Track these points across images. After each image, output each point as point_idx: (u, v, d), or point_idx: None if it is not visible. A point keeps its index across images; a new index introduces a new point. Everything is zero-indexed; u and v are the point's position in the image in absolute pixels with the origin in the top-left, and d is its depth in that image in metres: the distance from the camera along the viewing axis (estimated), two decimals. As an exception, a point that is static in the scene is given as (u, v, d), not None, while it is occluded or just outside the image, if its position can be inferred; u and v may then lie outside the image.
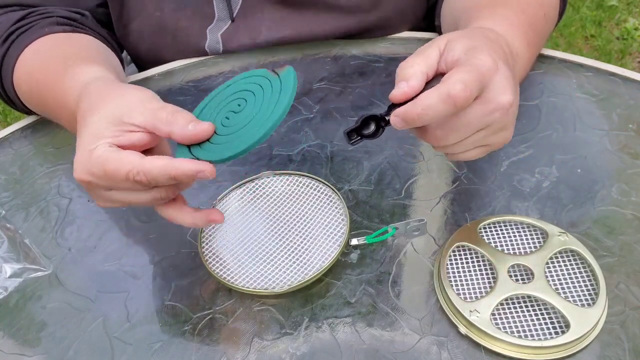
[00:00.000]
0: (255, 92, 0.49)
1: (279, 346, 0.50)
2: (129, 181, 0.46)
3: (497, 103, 0.46)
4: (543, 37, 0.68)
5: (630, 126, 0.65)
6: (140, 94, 0.50)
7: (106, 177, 0.47)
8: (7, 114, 2.05)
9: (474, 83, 0.44)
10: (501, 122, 0.48)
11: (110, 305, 0.55)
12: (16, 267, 0.58)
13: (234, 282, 0.53)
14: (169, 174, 0.46)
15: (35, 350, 0.52)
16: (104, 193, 0.50)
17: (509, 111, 0.47)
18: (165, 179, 0.46)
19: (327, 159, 0.66)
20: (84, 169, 0.48)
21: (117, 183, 0.47)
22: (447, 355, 0.48)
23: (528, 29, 0.61)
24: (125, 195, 0.49)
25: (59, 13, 0.73)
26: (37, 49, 0.69)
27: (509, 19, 0.59)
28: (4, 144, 0.74)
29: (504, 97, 0.46)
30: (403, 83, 0.46)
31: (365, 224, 0.59)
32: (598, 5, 2.24)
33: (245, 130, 0.46)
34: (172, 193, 0.50)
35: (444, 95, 0.43)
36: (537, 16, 0.65)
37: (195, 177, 0.46)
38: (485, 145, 0.50)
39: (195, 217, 0.51)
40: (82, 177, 0.48)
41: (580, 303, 0.50)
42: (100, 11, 0.78)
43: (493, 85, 0.46)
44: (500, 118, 0.47)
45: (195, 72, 0.80)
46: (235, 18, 0.78)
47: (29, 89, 0.69)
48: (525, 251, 0.54)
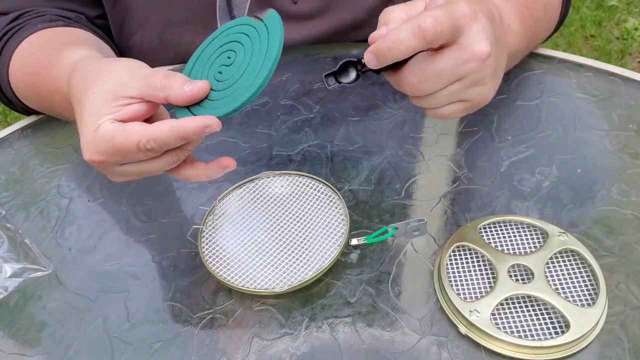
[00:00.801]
0: (242, 41, 0.48)
1: (279, 346, 0.50)
2: (140, 152, 0.46)
3: (472, 51, 0.45)
4: (539, 24, 0.66)
5: (630, 126, 0.65)
6: (128, 65, 0.50)
7: (116, 153, 0.47)
8: (7, 114, 2.05)
9: (445, 20, 0.43)
10: (477, 74, 0.46)
11: (110, 305, 0.55)
12: (16, 267, 0.58)
13: (234, 282, 0.53)
14: (177, 135, 0.46)
15: (35, 350, 0.52)
16: (117, 169, 0.49)
17: (485, 63, 0.46)
18: (176, 141, 0.46)
19: (327, 159, 0.66)
20: (92, 149, 0.48)
21: (129, 155, 0.47)
22: (447, 355, 0.48)
23: (524, 8, 0.61)
24: (138, 166, 0.49)
25: (51, 12, 0.73)
26: (29, 43, 0.69)
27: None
28: (4, 144, 0.74)
29: (479, 46, 0.45)
30: (383, 27, 0.46)
31: (365, 224, 0.59)
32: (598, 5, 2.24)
33: (241, 83, 0.46)
34: (182, 155, 0.49)
35: (415, 28, 0.43)
36: (535, 2, 0.64)
37: (203, 133, 0.46)
38: (463, 100, 0.49)
39: (210, 169, 0.51)
40: (93, 158, 0.48)
41: (580, 303, 0.50)
42: (99, 23, 0.78)
43: (469, 33, 0.45)
44: (476, 69, 0.46)
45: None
46: None
47: (23, 83, 0.69)
48: (525, 251, 0.54)
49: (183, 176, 0.52)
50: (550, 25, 0.71)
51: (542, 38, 0.72)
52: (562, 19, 0.73)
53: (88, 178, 0.68)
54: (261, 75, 0.45)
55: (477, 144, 0.65)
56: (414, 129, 0.68)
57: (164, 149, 0.47)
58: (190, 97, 0.47)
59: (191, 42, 0.78)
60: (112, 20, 0.77)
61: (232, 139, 0.70)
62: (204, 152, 0.68)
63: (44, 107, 0.70)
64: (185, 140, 0.47)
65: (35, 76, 0.65)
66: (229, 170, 0.51)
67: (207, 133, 0.46)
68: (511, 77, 0.73)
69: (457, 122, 0.68)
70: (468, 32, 0.45)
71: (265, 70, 0.45)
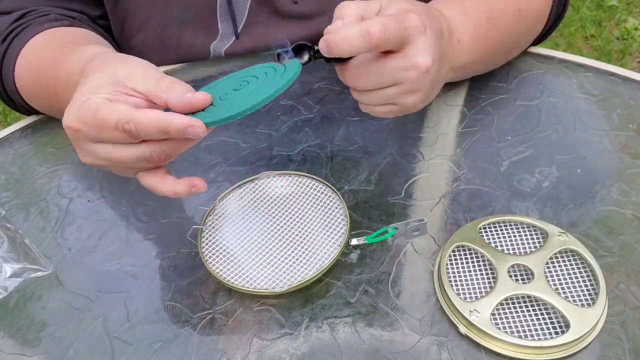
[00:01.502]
0: (258, 76, 0.50)
1: (279, 346, 0.50)
2: (117, 130, 0.46)
3: (414, 62, 0.49)
4: (507, 32, 0.66)
5: (630, 126, 0.65)
6: (144, 63, 0.51)
7: (95, 125, 0.47)
8: (7, 114, 2.05)
9: (393, 29, 0.46)
10: (414, 83, 0.50)
11: (110, 305, 0.55)
12: (16, 267, 0.58)
13: (234, 282, 0.53)
14: (159, 125, 0.45)
15: (35, 350, 0.52)
16: (89, 146, 0.49)
17: (425, 75, 0.50)
18: (155, 131, 0.46)
19: (327, 159, 0.66)
20: (74, 116, 0.48)
21: (105, 132, 0.47)
22: (447, 355, 0.48)
23: (484, 20, 0.61)
24: (110, 149, 0.48)
25: (56, 11, 0.73)
26: (36, 42, 0.69)
27: (463, 6, 0.60)
28: (4, 144, 0.74)
29: (422, 58, 0.49)
30: (339, 21, 0.49)
31: (365, 224, 0.59)
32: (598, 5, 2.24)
33: (238, 100, 0.47)
34: (157, 156, 0.48)
35: (363, 31, 0.46)
36: (505, 11, 0.64)
37: (185, 132, 0.45)
38: (396, 104, 0.52)
39: (178, 185, 0.50)
40: (71, 124, 0.48)
41: (580, 303, 0.50)
42: (100, 23, 0.78)
43: (415, 44, 0.48)
44: (415, 78, 0.49)
45: (196, 72, 0.80)
46: (239, 34, 0.77)
47: (29, 81, 0.68)
48: (525, 251, 0.54)
49: (150, 186, 0.51)
50: (533, 28, 0.70)
51: (522, 42, 0.71)
52: (557, 19, 0.72)
53: (88, 178, 0.68)
54: (258, 97, 0.46)
55: (477, 144, 0.65)
56: (414, 129, 0.68)
57: (141, 135, 0.46)
58: (189, 102, 0.47)
59: (192, 42, 0.78)
60: (113, 21, 0.78)
61: (232, 139, 0.70)
62: (204, 152, 0.68)
63: (49, 105, 0.70)
64: (165, 134, 0.46)
65: (43, 71, 0.65)
66: (197, 190, 0.51)
67: (189, 135, 0.46)
68: (511, 77, 0.73)
69: (457, 122, 0.68)
70: (414, 44, 0.49)
71: (264, 93, 0.46)
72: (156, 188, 0.51)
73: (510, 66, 0.73)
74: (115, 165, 0.50)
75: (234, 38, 0.78)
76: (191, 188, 0.51)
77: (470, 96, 0.71)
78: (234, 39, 0.78)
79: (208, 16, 0.76)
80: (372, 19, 0.47)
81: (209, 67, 0.80)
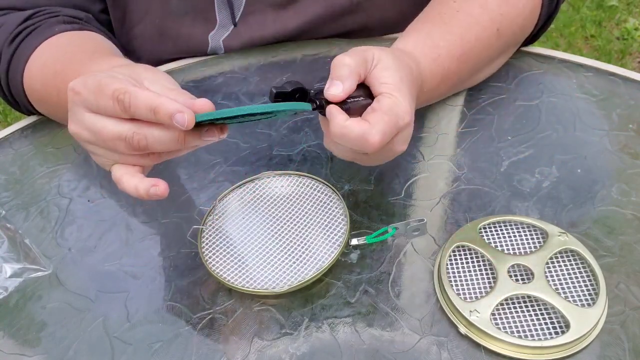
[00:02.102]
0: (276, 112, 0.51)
1: (279, 346, 0.50)
2: (112, 99, 0.46)
3: (394, 151, 0.53)
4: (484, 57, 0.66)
5: (630, 126, 0.65)
6: (159, 73, 0.53)
7: (94, 90, 0.47)
8: (7, 114, 2.05)
9: (390, 135, 0.49)
10: (385, 158, 0.54)
11: (110, 305, 0.55)
12: (16, 267, 0.58)
13: (234, 282, 0.53)
14: (151, 103, 0.46)
15: (35, 350, 0.52)
16: (82, 113, 0.49)
17: (394, 155, 0.54)
18: (145, 109, 0.46)
19: (327, 159, 0.66)
20: (80, 80, 0.49)
21: (101, 99, 0.47)
22: (447, 355, 0.48)
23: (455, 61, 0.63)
24: (97, 119, 0.48)
25: (64, 12, 0.73)
26: (52, 45, 0.68)
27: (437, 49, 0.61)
28: (4, 144, 0.74)
29: (400, 147, 0.53)
30: (338, 83, 0.50)
31: (365, 224, 0.59)
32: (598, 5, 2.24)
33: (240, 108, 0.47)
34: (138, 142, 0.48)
35: (363, 141, 0.48)
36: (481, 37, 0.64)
37: (173, 118, 0.45)
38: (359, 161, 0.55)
39: (140, 182, 0.49)
40: (74, 86, 0.49)
41: (580, 303, 0.50)
42: (102, 17, 0.78)
43: (402, 134, 0.52)
44: (387, 156, 0.54)
45: (195, 72, 0.80)
46: (237, 23, 0.78)
47: (43, 83, 0.67)
48: (525, 251, 0.54)
49: (118, 176, 0.50)
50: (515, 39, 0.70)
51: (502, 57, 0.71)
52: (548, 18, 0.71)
53: (88, 178, 0.68)
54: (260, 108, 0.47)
55: (477, 144, 0.65)
56: (414, 129, 0.68)
57: (132, 110, 0.46)
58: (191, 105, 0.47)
59: (190, 33, 0.78)
60: (113, 14, 0.78)
61: (232, 139, 0.70)
62: (203, 152, 0.68)
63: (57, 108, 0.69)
64: (154, 115, 0.46)
65: (61, 74, 0.64)
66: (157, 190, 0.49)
67: (177, 121, 0.45)
68: (511, 77, 0.73)
69: (457, 122, 0.68)
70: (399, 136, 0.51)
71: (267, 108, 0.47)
72: (122, 182, 0.50)
73: (510, 66, 0.73)
74: (96, 140, 0.49)
75: (232, 27, 0.78)
76: (151, 187, 0.49)
77: (470, 96, 0.71)
78: (232, 28, 0.78)
79: (206, 6, 0.76)
80: (374, 128, 0.48)
81: (209, 67, 0.80)
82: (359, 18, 0.79)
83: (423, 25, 0.64)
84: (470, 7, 0.64)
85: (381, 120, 0.49)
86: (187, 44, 0.79)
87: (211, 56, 0.81)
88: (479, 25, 0.64)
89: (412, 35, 0.63)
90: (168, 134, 0.47)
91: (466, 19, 0.64)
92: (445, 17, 0.64)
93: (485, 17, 0.64)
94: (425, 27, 0.64)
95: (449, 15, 0.64)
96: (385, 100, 0.50)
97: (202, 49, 0.80)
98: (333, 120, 0.49)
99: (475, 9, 0.64)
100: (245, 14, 0.77)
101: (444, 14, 0.64)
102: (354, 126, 0.48)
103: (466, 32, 0.63)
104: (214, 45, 0.80)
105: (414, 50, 0.60)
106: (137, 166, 0.51)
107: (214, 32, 0.79)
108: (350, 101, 0.51)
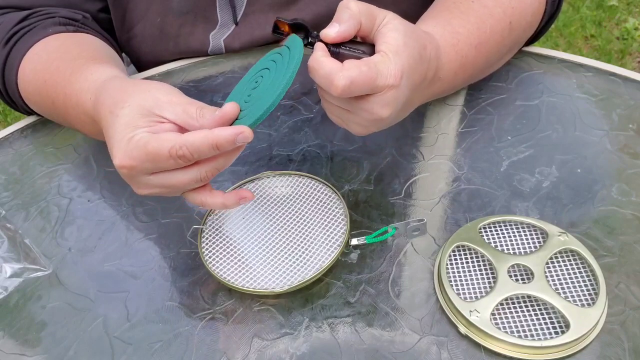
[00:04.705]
0: (270, 67, 0.51)
1: (279, 346, 0.50)
2: (172, 158, 0.47)
3: (374, 114, 0.51)
4: (497, 50, 0.66)
5: (630, 126, 0.65)
6: (164, 89, 0.52)
7: (148, 159, 0.48)
8: (7, 114, 2.05)
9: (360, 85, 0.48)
10: (365, 120, 0.52)
11: (110, 305, 0.55)
12: (16, 267, 0.58)
13: (234, 282, 0.53)
14: (210, 142, 0.47)
15: (35, 350, 0.52)
16: (144, 179, 0.50)
17: (376, 122, 0.52)
18: (208, 149, 0.47)
19: (327, 159, 0.66)
20: (125, 155, 0.49)
21: (160, 163, 0.48)
22: (447, 355, 0.48)
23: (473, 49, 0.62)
24: (166, 177, 0.50)
25: (61, 13, 0.73)
26: (42, 48, 0.69)
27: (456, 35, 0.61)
28: (4, 144, 0.74)
29: (381, 111, 0.51)
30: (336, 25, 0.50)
31: (365, 224, 0.59)
32: (598, 5, 2.24)
33: (260, 99, 0.49)
34: (210, 174, 0.50)
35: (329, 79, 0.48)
36: (495, 29, 0.64)
37: (236, 141, 0.47)
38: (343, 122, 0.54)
39: (227, 198, 0.52)
40: (124, 163, 0.49)
41: (580, 303, 0.50)
42: (101, 17, 0.78)
43: (382, 96, 0.50)
44: (367, 118, 0.52)
45: (195, 72, 0.80)
46: (238, 22, 0.78)
47: (35, 88, 0.68)
48: (525, 251, 0.54)
49: (200, 202, 0.52)
50: (524, 35, 0.70)
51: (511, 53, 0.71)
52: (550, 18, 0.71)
53: (88, 178, 0.68)
54: (279, 85, 0.47)
55: (477, 144, 0.65)
56: (414, 129, 0.68)
57: (195, 156, 0.48)
58: (221, 118, 0.49)
59: (190, 32, 0.78)
60: (113, 13, 0.78)
61: (232, 139, 0.70)
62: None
63: (54, 114, 0.70)
64: (217, 149, 0.47)
65: (50, 85, 0.65)
66: (245, 201, 0.53)
67: (240, 142, 0.47)
68: (511, 77, 0.73)
69: (457, 122, 0.68)
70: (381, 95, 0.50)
71: (283, 79, 0.47)
72: (206, 203, 0.52)
73: (510, 66, 0.73)
74: (171, 192, 0.52)
75: (233, 27, 0.78)
76: (240, 200, 0.53)
77: (470, 96, 0.71)
78: (233, 28, 0.78)
79: (207, 6, 0.76)
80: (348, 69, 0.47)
81: (209, 67, 0.80)
82: None
83: (440, 13, 0.63)
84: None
85: (356, 68, 0.48)
86: (188, 43, 0.79)
87: (211, 56, 0.81)
88: (493, 18, 0.64)
89: (431, 20, 0.62)
90: (232, 154, 0.50)
91: (481, 9, 0.63)
92: (461, 6, 0.63)
93: (498, 9, 0.64)
94: (443, 15, 0.63)
95: (465, 5, 0.63)
96: (376, 56, 0.50)
97: (202, 49, 0.80)
98: (313, 55, 0.49)
99: (489, 0, 0.64)
100: (246, 13, 0.77)
101: (460, 3, 0.64)
102: (327, 63, 0.48)
103: (482, 23, 0.63)
104: (215, 44, 0.80)
105: (434, 33, 0.59)
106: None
107: (215, 32, 0.79)
108: (344, 48, 0.50)
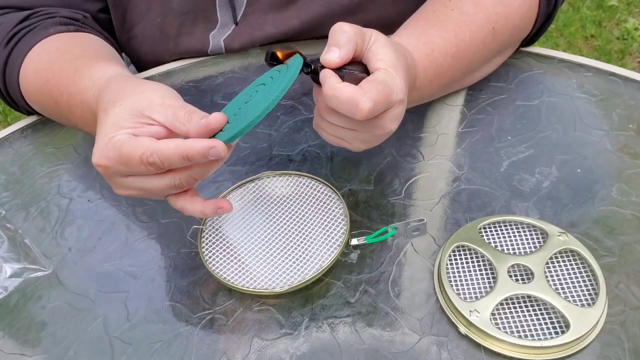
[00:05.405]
0: (266, 82, 0.51)
1: (279, 346, 0.50)
2: (143, 164, 0.47)
3: (384, 129, 0.52)
4: (478, 57, 0.66)
5: (630, 126, 0.65)
6: (160, 91, 0.52)
7: (121, 161, 0.48)
8: (7, 114, 2.05)
9: (381, 106, 0.49)
10: (374, 136, 0.53)
11: (110, 305, 0.55)
12: (16, 267, 0.58)
13: (234, 282, 0.53)
14: (181, 153, 0.47)
15: (35, 350, 0.52)
16: (121, 180, 0.51)
17: (385, 136, 0.53)
18: (179, 160, 0.47)
19: (327, 159, 0.66)
20: (101, 154, 0.49)
21: (132, 167, 0.48)
22: (447, 355, 0.48)
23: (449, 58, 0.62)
24: (140, 181, 0.50)
25: (61, 13, 0.73)
26: (44, 48, 0.69)
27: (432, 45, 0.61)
28: (4, 144, 0.74)
29: (392, 125, 0.52)
30: (336, 50, 0.50)
31: (365, 224, 0.59)
32: (598, 5, 2.24)
33: (245, 114, 0.48)
34: (186, 180, 0.50)
35: (353, 106, 0.48)
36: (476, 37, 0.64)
37: (207, 155, 0.47)
38: (345, 141, 0.54)
39: (205, 206, 0.52)
40: (99, 162, 0.50)
41: (580, 303, 0.50)
42: (101, 17, 0.78)
43: (394, 111, 0.51)
44: (377, 134, 0.53)
45: (196, 72, 0.80)
46: (238, 22, 0.78)
47: (38, 88, 0.68)
48: (525, 251, 0.54)
49: (180, 207, 0.52)
50: (512, 40, 0.70)
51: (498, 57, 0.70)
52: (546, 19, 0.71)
53: (88, 178, 0.68)
54: (265, 102, 0.47)
55: (477, 144, 0.65)
56: (414, 129, 0.68)
57: (166, 165, 0.48)
58: (205, 126, 0.48)
59: (190, 32, 0.78)
60: (113, 13, 0.78)
61: (232, 139, 0.70)
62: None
63: (57, 114, 0.70)
64: (188, 160, 0.47)
65: (53, 84, 0.65)
66: (223, 212, 0.53)
67: (212, 156, 0.47)
68: (511, 77, 0.73)
69: (457, 122, 0.68)
70: (391, 112, 0.51)
71: (270, 97, 0.47)
72: (186, 209, 0.52)
73: (510, 66, 0.73)
74: (147, 194, 0.52)
75: (233, 27, 0.78)
76: (217, 209, 0.53)
77: (470, 96, 0.71)
78: (233, 28, 0.78)
79: (207, 6, 0.76)
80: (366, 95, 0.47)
81: (209, 67, 0.80)
82: (359, 18, 0.79)
83: (417, 23, 0.64)
84: (465, 6, 0.64)
85: (374, 88, 0.48)
86: (188, 43, 0.79)
87: (211, 56, 0.81)
88: (474, 24, 0.64)
89: (406, 31, 0.63)
90: (209, 165, 0.50)
91: (461, 17, 0.64)
92: (440, 15, 0.64)
93: (480, 16, 0.64)
94: (419, 25, 0.64)
95: (443, 14, 0.64)
96: (380, 73, 0.50)
97: (202, 49, 0.80)
98: (326, 83, 0.49)
99: (470, 8, 0.64)
100: (246, 13, 0.78)
101: (438, 12, 0.64)
102: (346, 88, 0.48)
103: (460, 31, 0.63)
104: (215, 44, 0.80)
105: (407, 44, 0.60)
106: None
107: (215, 32, 0.79)
108: (346, 71, 0.51)
